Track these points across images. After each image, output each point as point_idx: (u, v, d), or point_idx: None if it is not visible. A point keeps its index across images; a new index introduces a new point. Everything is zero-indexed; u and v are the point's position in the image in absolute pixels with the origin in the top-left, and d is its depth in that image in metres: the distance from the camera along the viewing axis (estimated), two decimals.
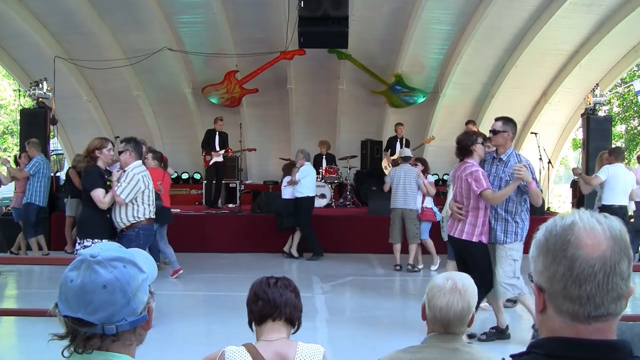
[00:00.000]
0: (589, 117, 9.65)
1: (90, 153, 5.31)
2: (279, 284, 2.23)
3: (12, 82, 20.54)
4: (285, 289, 2.23)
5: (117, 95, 12.69)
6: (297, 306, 2.24)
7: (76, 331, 1.20)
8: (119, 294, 1.19)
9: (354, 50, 11.14)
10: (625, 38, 10.87)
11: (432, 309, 1.97)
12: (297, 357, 2.10)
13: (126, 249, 1.28)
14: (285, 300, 2.18)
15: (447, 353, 1.91)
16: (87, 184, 5.25)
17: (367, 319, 6.02)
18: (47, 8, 10.51)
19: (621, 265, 1.02)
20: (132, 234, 5.27)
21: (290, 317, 2.20)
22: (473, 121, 9.80)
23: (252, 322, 2.22)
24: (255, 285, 2.26)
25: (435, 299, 1.97)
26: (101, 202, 5.16)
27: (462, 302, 1.97)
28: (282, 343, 2.12)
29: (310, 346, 2.18)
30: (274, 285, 2.22)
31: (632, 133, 20.45)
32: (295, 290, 2.28)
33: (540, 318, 1.11)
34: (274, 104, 13.13)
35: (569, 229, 1.05)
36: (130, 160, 5.33)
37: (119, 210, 5.23)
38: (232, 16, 10.92)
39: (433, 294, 1.98)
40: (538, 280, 1.09)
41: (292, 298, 2.22)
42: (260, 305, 2.17)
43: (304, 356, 2.12)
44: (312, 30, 8.06)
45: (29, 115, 9.61)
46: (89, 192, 5.17)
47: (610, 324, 1.04)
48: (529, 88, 12.42)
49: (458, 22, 10.93)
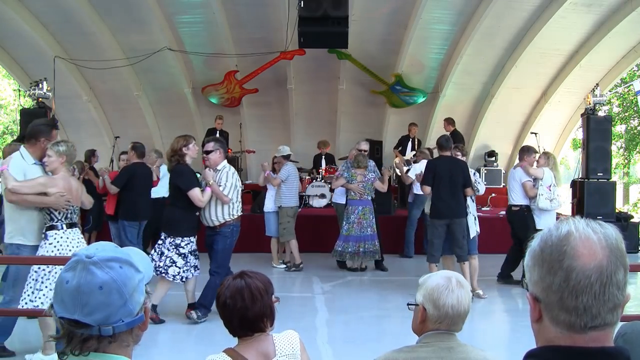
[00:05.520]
0: (589, 117, 9.63)
1: (178, 152, 5.37)
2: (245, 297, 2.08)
3: (12, 82, 20.53)
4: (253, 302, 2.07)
5: (117, 95, 12.69)
6: (267, 308, 2.11)
7: (72, 333, 1.18)
8: (115, 295, 1.18)
9: (354, 50, 11.14)
10: (625, 38, 10.87)
11: (440, 308, 1.98)
12: (277, 350, 2.10)
13: (122, 249, 1.27)
14: (254, 316, 2.08)
15: (442, 352, 1.92)
16: (182, 183, 5.30)
17: (367, 319, 6.02)
18: (47, 8, 10.51)
19: (617, 274, 1.02)
20: (227, 230, 5.47)
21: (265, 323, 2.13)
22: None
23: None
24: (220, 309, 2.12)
25: (443, 298, 1.99)
26: (200, 201, 5.29)
27: (467, 296, 2.04)
28: (259, 340, 2.10)
29: (284, 334, 2.18)
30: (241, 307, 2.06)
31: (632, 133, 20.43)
32: (257, 292, 2.09)
33: (536, 327, 1.10)
34: (273, 104, 13.12)
35: (565, 240, 1.04)
36: (219, 160, 5.52)
37: (214, 209, 5.39)
38: (232, 16, 10.92)
39: (440, 293, 2.00)
40: (534, 290, 1.08)
41: (258, 308, 2.08)
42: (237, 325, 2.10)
43: (283, 346, 2.12)
44: (312, 30, 8.05)
45: (29, 115, 9.56)
46: (186, 191, 5.25)
47: (607, 332, 1.04)
48: (529, 88, 12.41)
49: (458, 22, 10.93)
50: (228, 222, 5.49)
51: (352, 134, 12.85)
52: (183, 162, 5.40)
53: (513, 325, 5.92)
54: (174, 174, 5.45)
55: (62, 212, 4.33)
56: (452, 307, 1.98)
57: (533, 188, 6.91)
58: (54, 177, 4.37)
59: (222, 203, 5.44)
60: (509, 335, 5.59)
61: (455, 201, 6.53)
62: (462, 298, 2.00)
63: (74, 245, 4.34)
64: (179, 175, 5.36)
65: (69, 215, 4.39)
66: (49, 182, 4.32)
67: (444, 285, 2.01)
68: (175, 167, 5.41)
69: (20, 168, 4.38)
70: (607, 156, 9.77)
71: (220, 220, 5.46)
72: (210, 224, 5.49)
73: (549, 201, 6.79)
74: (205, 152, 5.56)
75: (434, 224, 6.62)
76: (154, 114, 13.15)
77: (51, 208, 4.30)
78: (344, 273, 8.06)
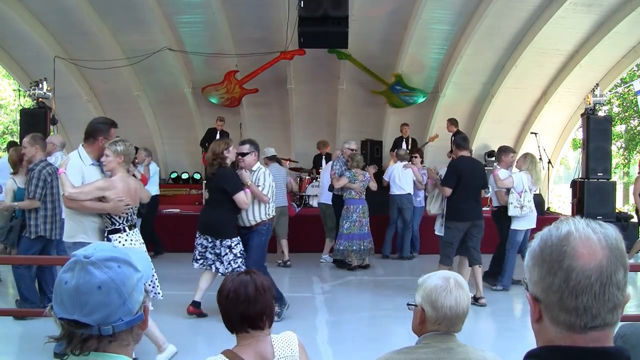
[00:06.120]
0: (589, 117, 9.64)
1: (220, 155, 5.43)
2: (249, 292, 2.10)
3: (12, 82, 20.53)
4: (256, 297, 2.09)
5: (117, 95, 12.69)
6: (268, 307, 2.13)
7: (72, 333, 1.18)
8: (114, 295, 1.18)
9: (354, 50, 11.13)
10: (625, 38, 10.87)
11: (439, 309, 1.98)
12: (276, 352, 2.10)
13: (120, 249, 1.28)
14: (255, 312, 2.09)
15: (442, 353, 1.92)
16: (229, 186, 5.37)
17: (367, 319, 6.03)
18: (47, 8, 10.51)
19: (617, 275, 1.02)
20: (263, 229, 5.66)
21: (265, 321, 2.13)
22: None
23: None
24: (222, 302, 2.14)
25: (442, 299, 1.98)
26: (245, 203, 5.41)
27: (466, 297, 2.03)
28: (257, 341, 2.10)
29: (283, 335, 2.18)
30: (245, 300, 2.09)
31: (632, 133, 20.44)
32: (261, 288, 2.12)
33: (536, 327, 1.10)
34: (273, 104, 13.12)
35: (565, 240, 1.04)
36: (254, 162, 5.67)
37: (252, 209, 5.53)
38: (232, 16, 10.92)
39: (438, 294, 1.99)
40: (533, 290, 1.08)
41: (260, 304, 2.10)
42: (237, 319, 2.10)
43: (281, 348, 2.12)
44: (312, 30, 8.05)
45: (29, 115, 9.60)
46: (232, 194, 5.33)
47: (607, 332, 1.04)
48: (529, 88, 12.41)
49: (458, 22, 10.92)
50: (264, 221, 5.65)
51: (352, 134, 12.83)
52: (225, 165, 5.45)
53: (513, 325, 5.92)
54: (219, 177, 5.47)
55: (122, 216, 4.24)
56: (450, 308, 1.97)
57: (504, 196, 6.99)
58: (112, 180, 4.22)
59: (258, 203, 5.58)
60: (509, 335, 5.58)
61: (478, 203, 6.47)
62: (461, 299, 1.99)
63: (137, 247, 4.27)
64: (224, 179, 5.42)
65: (129, 217, 4.31)
66: (107, 186, 4.17)
67: (442, 287, 2.00)
68: (219, 170, 5.45)
69: (78, 170, 4.24)
70: (607, 156, 9.78)
71: (257, 220, 5.60)
72: (247, 224, 5.60)
73: (518, 209, 6.81)
74: (241, 154, 5.64)
75: (455, 226, 6.30)
76: (154, 114, 13.15)
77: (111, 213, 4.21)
78: (344, 273, 8.06)
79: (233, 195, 5.34)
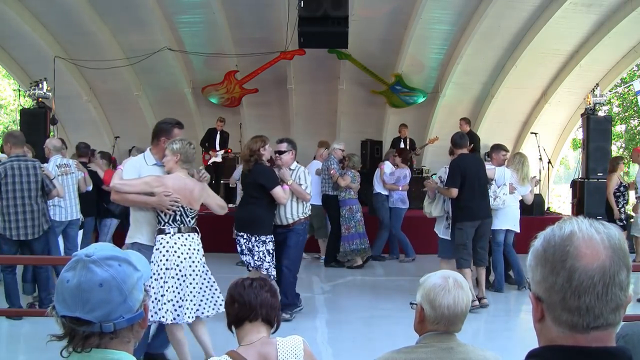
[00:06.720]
0: (589, 117, 9.63)
1: (256, 152, 5.45)
2: (255, 285, 2.24)
3: (12, 82, 20.53)
4: (260, 289, 2.23)
5: (117, 95, 12.69)
6: (274, 306, 2.25)
7: (74, 331, 1.21)
8: (115, 292, 1.21)
9: (354, 50, 11.13)
10: (625, 38, 10.87)
11: (437, 308, 1.97)
12: (279, 355, 2.11)
13: (120, 250, 1.30)
14: (260, 302, 2.19)
15: (442, 352, 1.91)
16: (266, 182, 5.39)
17: (367, 319, 6.03)
18: (47, 8, 10.51)
19: (620, 275, 1.02)
20: (300, 228, 5.69)
21: (267, 317, 2.20)
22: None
23: (230, 324, 2.23)
24: (231, 287, 2.26)
25: (440, 298, 1.98)
26: (284, 198, 5.42)
27: (466, 297, 2.02)
28: (262, 343, 2.12)
29: (288, 339, 2.19)
30: (249, 287, 2.23)
31: (632, 133, 20.44)
32: (272, 289, 2.29)
33: (538, 327, 1.10)
34: (273, 104, 13.12)
35: (568, 240, 1.04)
36: (291, 161, 5.74)
37: (289, 207, 5.55)
38: (232, 16, 10.92)
39: (436, 294, 1.99)
40: (536, 290, 1.08)
41: (268, 298, 2.23)
42: (237, 308, 2.19)
43: (285, 351, 2.13)
44: (312, 30, 8.05)
45: (29, 115, 9.58)
46: (270, 189, 5.35)
47: (609, 332, 1.04)
48: (529, 88, 12.41)
49: (458, 22, 10.93)
50: (301, 220, 5.66)
51: (352, 134, 12.85)
52: (261, 161, 5.47)
53: (514, 325, 5.92)
54: (255, 173, 5.47)
55: (169, 214, 3.96)
56: (447, 307, 1.97)
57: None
58: (163, 177, 4.04)
59: (297, 201, 5.62)
60: (510, 335, 5.58)
61: (486, 201, 6.25)
62: (459, 299, 1.99)
63: (181, 253, 3.91)
64: (262, 175, 5.43)
65: (179, 217, 3.98)
66: (155, 181, 3.98)
67: (441, 286, 2.00)
68: (255, 166, 5.46)
69: (135, 168, 4.16)
70: (607, 156, 9.76)
71: (294, 218, 5.62)
72: (284, 222, 5.61)
73: (492, 199, 6.57)
74: (278, 152, 5.69)
75: (465, 227, 6.04)
76: (154, 114, 13.12)
77: (157, 210, 3.99)
78: (344, 273, 8.06)
79: (270, 190, 5.34)
